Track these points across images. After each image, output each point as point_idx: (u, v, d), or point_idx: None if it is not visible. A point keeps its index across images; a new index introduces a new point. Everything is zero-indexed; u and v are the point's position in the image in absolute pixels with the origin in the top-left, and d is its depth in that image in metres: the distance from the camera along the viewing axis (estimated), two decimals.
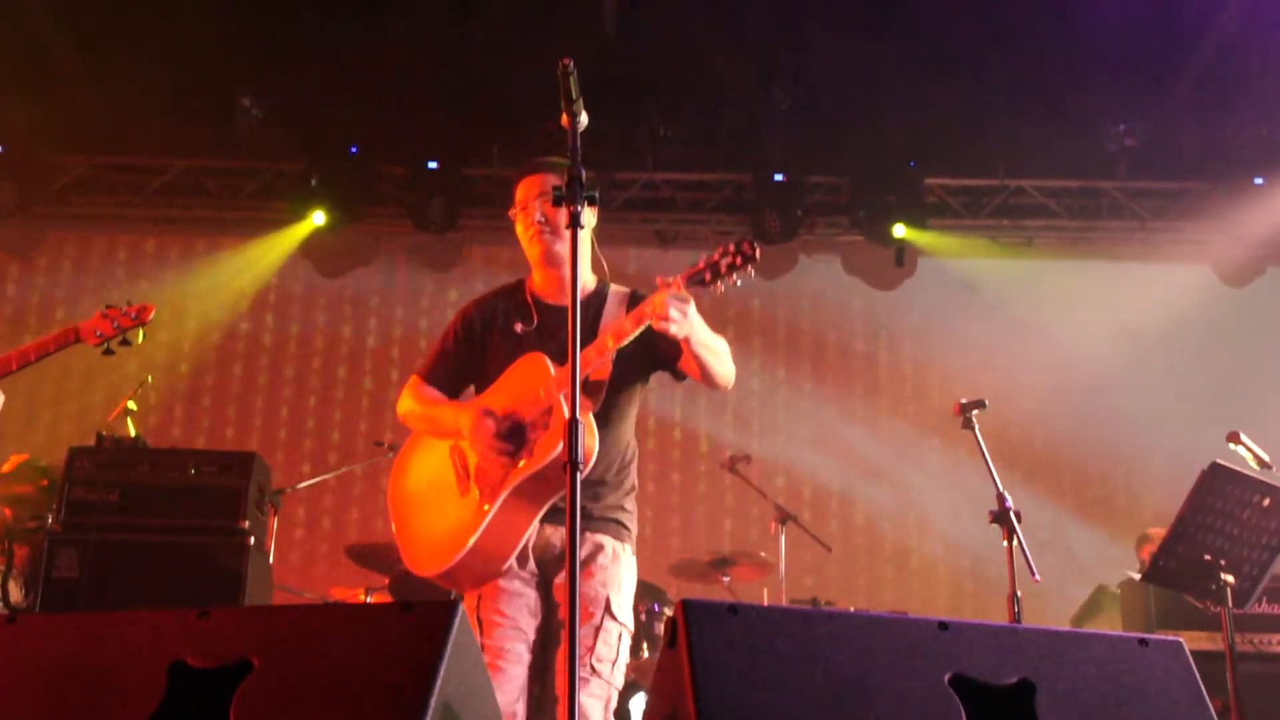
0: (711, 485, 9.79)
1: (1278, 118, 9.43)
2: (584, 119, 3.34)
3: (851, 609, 7.10)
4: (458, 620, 2.42)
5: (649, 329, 3.77)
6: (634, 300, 4.14)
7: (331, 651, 2.43)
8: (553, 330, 4.02)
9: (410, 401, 4.22)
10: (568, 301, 3.34)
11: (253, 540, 6.22)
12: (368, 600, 6.94)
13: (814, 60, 9.42)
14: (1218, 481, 5.18)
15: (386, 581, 7.14)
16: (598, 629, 3.84)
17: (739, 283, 3.79)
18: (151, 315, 4.71)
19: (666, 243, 10.39)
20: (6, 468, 6.74)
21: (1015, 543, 4.71)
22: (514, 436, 3.87)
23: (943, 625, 2.47)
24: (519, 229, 4.19)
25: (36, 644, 2.59)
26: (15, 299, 10.17)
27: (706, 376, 3.95)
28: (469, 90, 9.40)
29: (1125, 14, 8.41)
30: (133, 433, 6.56)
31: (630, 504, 4.13)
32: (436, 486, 4.04)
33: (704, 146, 10.12)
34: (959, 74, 9.01)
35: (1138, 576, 6.03)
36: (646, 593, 7.57)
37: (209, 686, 2.39)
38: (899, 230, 9.78)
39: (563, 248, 3.99)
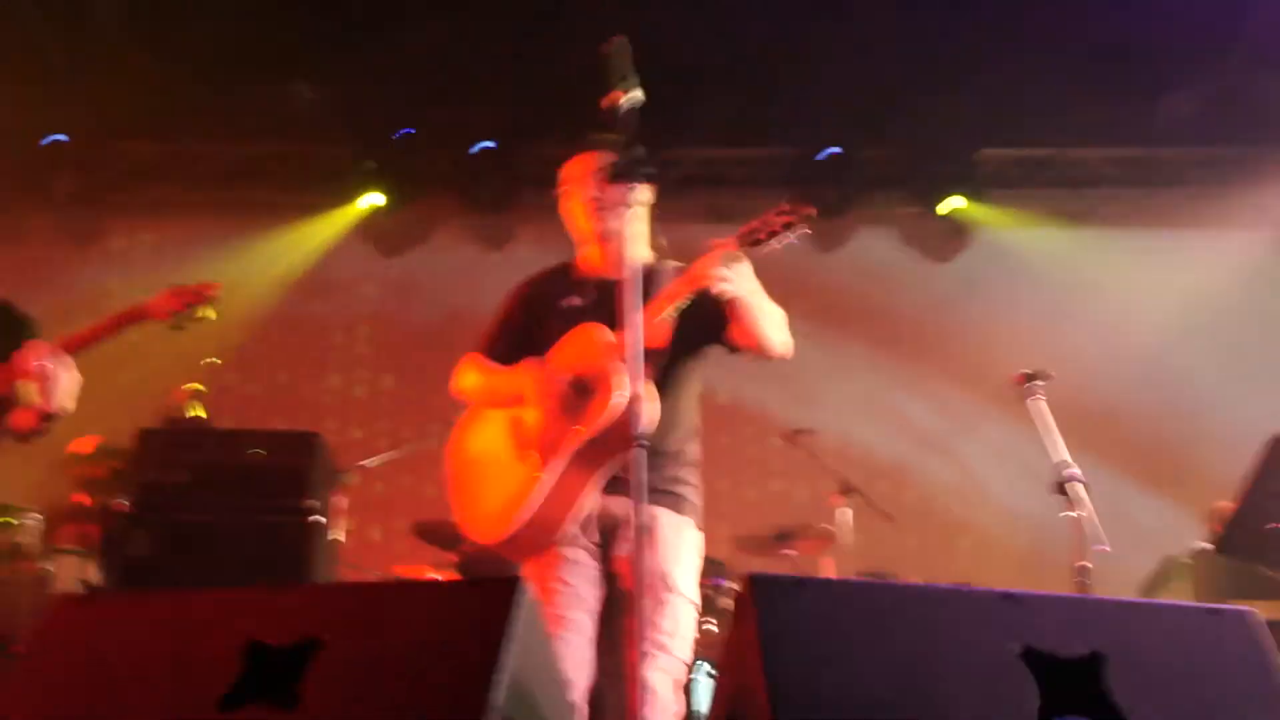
0: (770, 458, 9.77)
1: None
2: (638, 95, 3.33)
3: (917, 582, 7.08)
4: (524, 597, 2.43)
5: (704, 295, 3.73)
6: None
7: (400, 628, 2.46)
8: (606, 304, 3.89)
9: (469, 375, 4.22)
10: (622, 276, 3.35)
11: (319, 519, 6.28)
12: (436, 578, 6.99)
13: (866, 31, 9.32)
14: None
15: (455, 559, 7.19)
16: (661, 604, 3.79)
17: (795, 240, 3.71)
18: (216, 292, 4.72)
19: (721, 218, 10.35)
20: (85, 449, 6.83)
21: (1083, 513, 4.67)
22: (575, 397, 3.85)
23: (1012, 597, 2.46)
24: (570, 205, 4.19)
25: (113, 621, 2.64)
26: (77, 285, 10.29)
27: (760, 343, 3.91)
28: (522, 70, 9.40)
29: None
30: (201, 414, 6.64)
31: (693, 477, 4.09)
32: (495, 456, 4.01)
33: (757, 121, 10.06)
34: (1014, 42, 8.89)
35: (1210, 546, 5.97)
36: (708, 567, 7.56)
37: (280, 664, 2.42)
38: (956, 202, 9.69)
39: (617, 223, 3.93)
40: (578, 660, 3.77)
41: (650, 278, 3.95)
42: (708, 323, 3.89)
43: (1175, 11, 8.65)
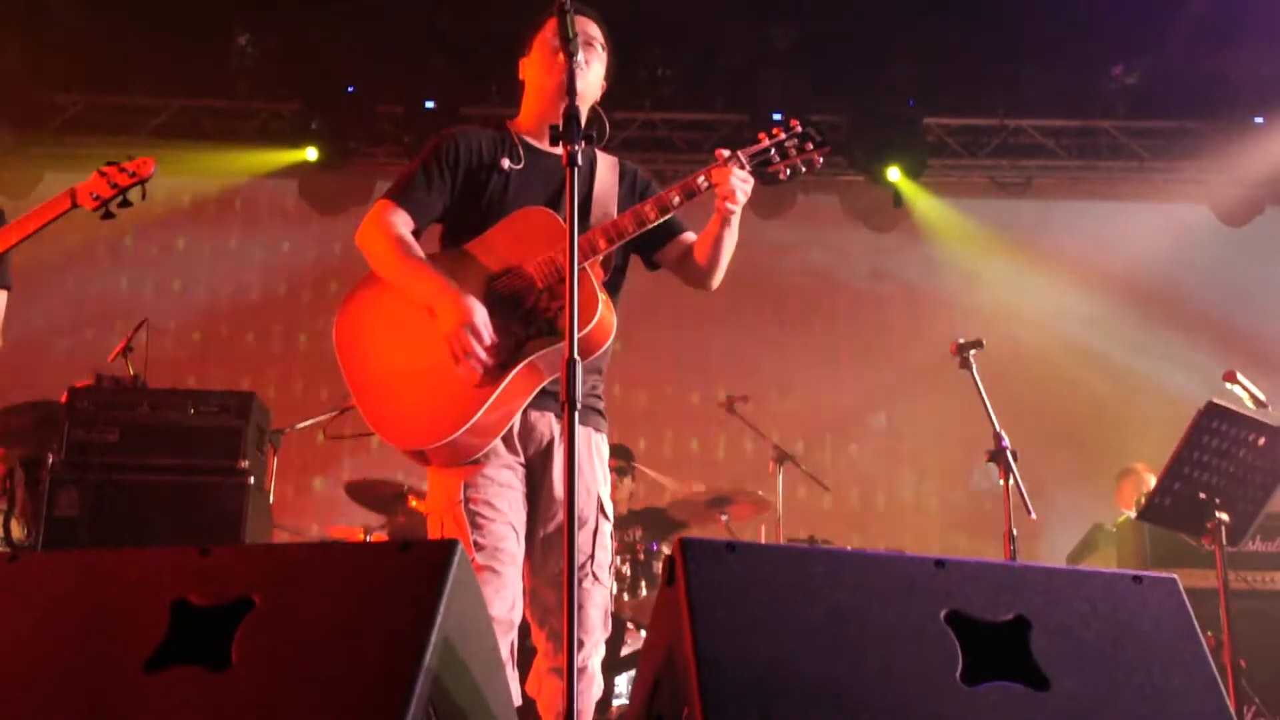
0: (708, 425, 9.81)
1: (1277, 57, 9.36)
2: (581, 58, 3.30)
3: (848, 548, 7.16)
4: (457, 558, 2.43)
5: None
6: (625, 169, 3.93)
7: (332, 589, 2.45)
8: (543, 174, 3.69)
9: (381, 236, 3.66)
10: (558, 151, 3.08)
11: (252, 480, 6.23)
12: (367, 540, 6.97)
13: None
14: (1214, 420, 5.19)
15: (385, 521, 7.18)
16: (594, 532, 3.59)
17: (805, 170, 3.59)
18: (153, 169, 4.38)
19: (665, 183, 10.33)
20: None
21: (1011, 481, 4.74)
22: (515, 308, 3.54)
23: (939, 563, 2.49)
24: (543, 60, 3.75)
25: (38, 582, 2.61)
26: None
27: (712, 267, 3.73)
28: (466, 29, 9.32)
29: None
30: (131, 372, 6.57)
31: (602, 388, 3.80)
32: (419, 343, 3.54)
33: (702, 86, 10.04)
34: (959, 13, 8.94)
35: (1134, 515, 6.07)
36: (645, 530, 7.62)
37: (211, 624, 2.40)
38: (893, 174, 9.74)
39: (584, 86, 3.63)
40: (511, 597, 3.47)
41: (584, 167, 3.61)
42: (653, 233, 3.65)
43: None
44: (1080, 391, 10.12)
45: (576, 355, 2.88)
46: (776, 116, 9.78)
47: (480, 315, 3.47)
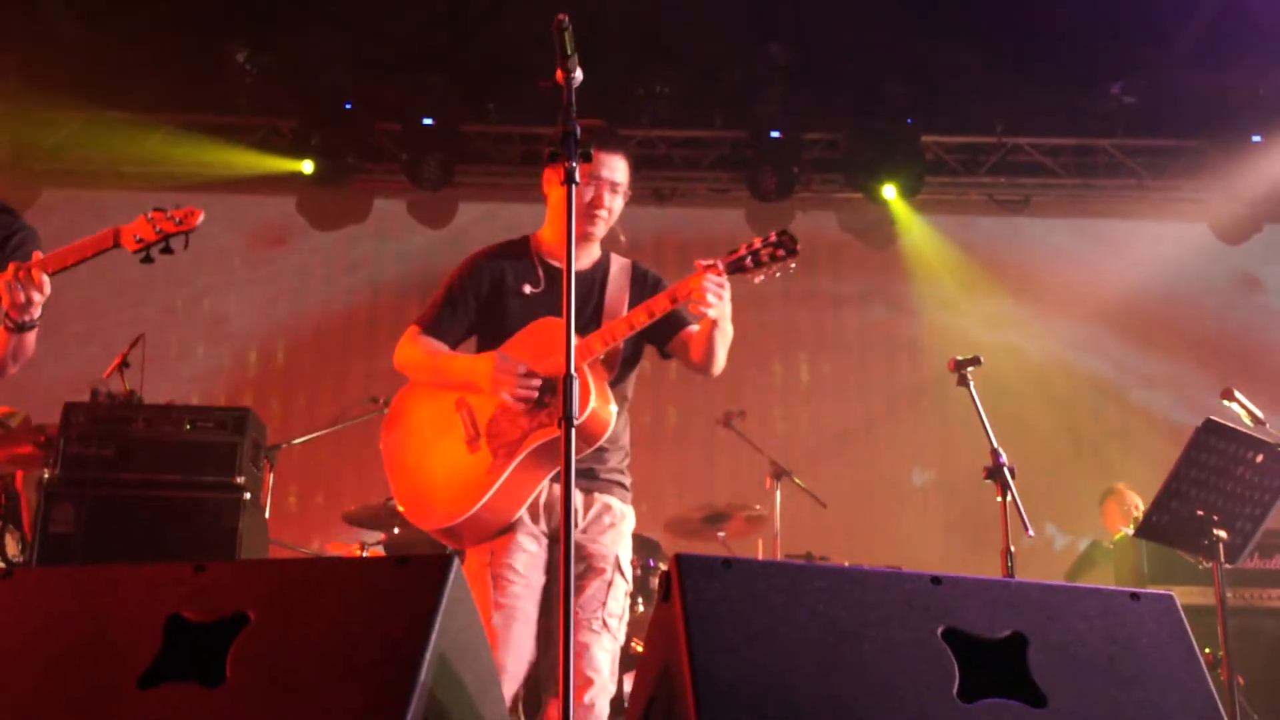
0: (705, 441, 9.79)
1: (1275, 76, 9.38)
2: (579, 75, 3.30)
3: (845, 564, 7.14)
4: (453, 575, 2.42)
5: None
6: (636, 273, 4.22)
7: (327, 605, 2.44)
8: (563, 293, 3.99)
9: (412, 350, 4.12)
10: (577, 266, 3.52)
11: (248, 496, 6.23)
12: (364, 555, 6.95)
13: (812, 17, 9.35)
14: (1211, 437, 5.19)
15: (383, 538, 7.16)
16: (609, 584, 3.92)
17: (778, 275, 3.88)
18: (199, 220, 4.40)
19: (663, 200, 10.37)
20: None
21: (1009, 498, 4.72)
22: (526, 405, 3.87)
23: (935, 579, 2.49)
24: (561, 191, 3.76)
25: (32, 598, 2.60)
26: None
27: (709, 362, 4.01)
28: (465, 46, 9.35)
29: None
30: (127, 387, 6.56)
31: (627, 464, 4.21)
32: (442, 438, 3.98)
33: (701, 103, 10.06)
34: (957, 31, 8.95)
35: (1132, 532, 6.06)
36: (641, 547, 7.59)
37: (205, 640, 2.40)
38: (889, 192, 9.76)
39: (602, 236, 4.14)
40: (520, 651, 3.80)
41: (598, 272, 4.14)
42: (659, 328, 4.00)
43: (1116, 5, 8.75)
44: (1076, 409, 10.12)
45: (573, 370, 3.02)
46: (775, 134, 9.80)
47: (505, 357, 3.90)
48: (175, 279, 10.06)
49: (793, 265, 3.85)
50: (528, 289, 4.09)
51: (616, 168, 4.12)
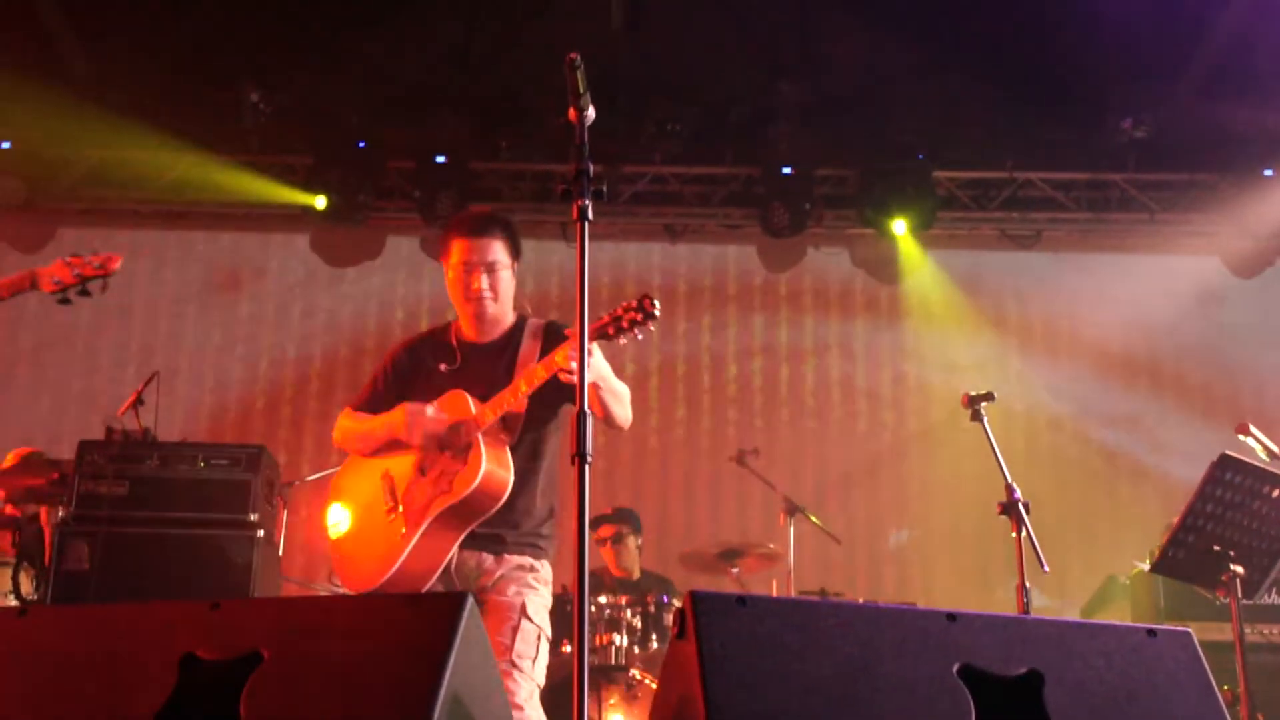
0: (718, 478, 9.78)
1: None
2: (591, 113, 3.31)
3: (859, 601, 7.11)
4: (466, 614, 2.42)
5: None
6: (549, 331, 4.42)
7: (341, 643, 2.44)
8: (475, 370, 4.36)
9: (345, 423, 4.51)
10: (487, 338, 4.22)
11: (262, 533, 6.24)
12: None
13: (823, 53, 9.40)
14: (1227, 472, 5.16)
15: None
16: (515, 629, 4.15)
17: (640, 337, 4.02)
18: (117, 265, 4.61)
19: (675, 237, 10.39)
20: (8, 462, 6.72)
21: (1024, 534, 4.70)
22: (443, 461, 4.19)
23: (951, 616, 2.48)
24: (454, 283, 4.39)
25: (47, 636, 2.60)
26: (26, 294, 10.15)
27: (608, 418, 4.23)
28: (477, 84, 9.41)
29: (1134, 5, 8.38)
30: (141, 425, 6.57)
31: (548, 529, 4.40)
32: (367, 508, 4.33)
33: (712, 140, 10.08)
34: (968, 67, 8.99)
35: (1147, 567, 6.02)
36: (655, 584, 7.58)
37: (219, 678, 2.39)
38: (899, 228, 9.77)
39: (496, 311, 4.38)
40: None
41: (510, 341, 4.43)
42: (563, 389, 4.15)
43: (1126, 39, 8.78)
44: (1088, 444, 10.08)
45: (587, 408, 2.99)
46: (786, 170, 9.83)
47: (414, 405, 4.25)
48: (183, 315, 10.11)
49: (651, 327, 4.00)
50: (444, 367, 4.41)
51: (487, 249, 4.35)
